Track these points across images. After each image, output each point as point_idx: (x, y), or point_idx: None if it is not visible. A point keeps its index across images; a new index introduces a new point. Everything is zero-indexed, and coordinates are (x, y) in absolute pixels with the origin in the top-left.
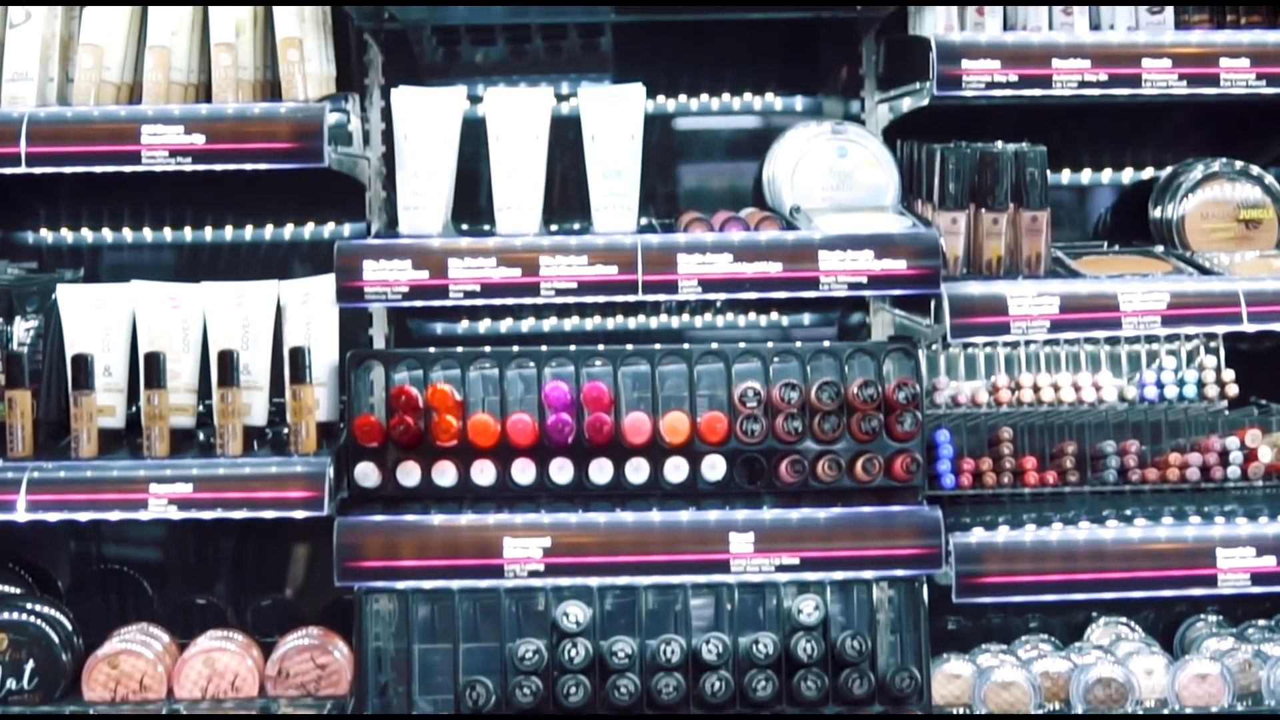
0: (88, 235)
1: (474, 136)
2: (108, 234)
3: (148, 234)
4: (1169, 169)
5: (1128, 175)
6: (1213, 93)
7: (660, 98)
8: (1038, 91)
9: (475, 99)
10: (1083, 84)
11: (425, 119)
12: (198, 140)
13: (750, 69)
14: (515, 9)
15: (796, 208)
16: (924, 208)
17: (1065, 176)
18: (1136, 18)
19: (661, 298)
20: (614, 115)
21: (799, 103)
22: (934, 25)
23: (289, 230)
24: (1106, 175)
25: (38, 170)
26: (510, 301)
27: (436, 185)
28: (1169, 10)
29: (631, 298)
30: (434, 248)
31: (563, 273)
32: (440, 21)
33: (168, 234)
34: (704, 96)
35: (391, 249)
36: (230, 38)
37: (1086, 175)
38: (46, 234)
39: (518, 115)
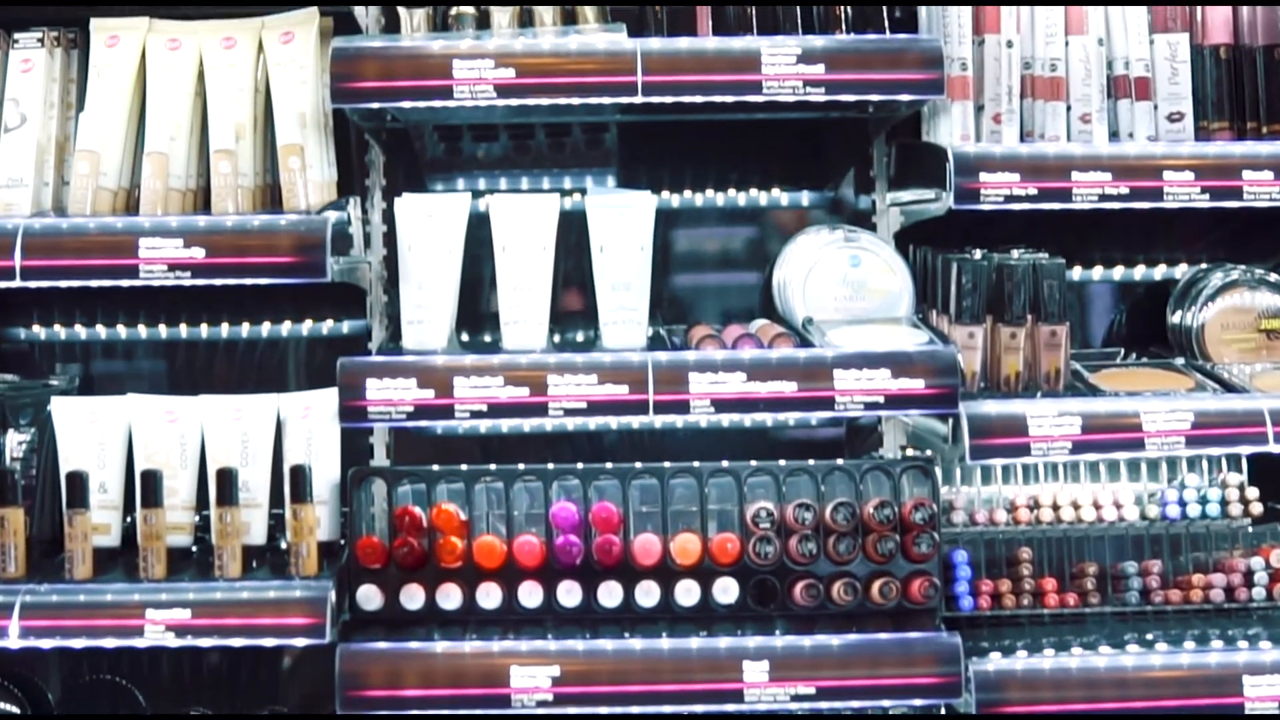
0: (81, 332)
1: (478, 233)
2: (101, 331)
3: (142, 331)
4: (1187, 274)
5: (1139, 272)
6: (1235, 205)
7: (666, 193)
8: (1057, 205)
9: (478, 193)
10: (1103, 197)
11: (429, 230)
12: (197, 254)
13: (758, 165)
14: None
15: (809, 320)
16: (939, 319)
17: (1077, 273)
18: (1156, 125)
19: (673, 418)
20: (623, 227)
21: (805, 197)
22: (949, 132)
23: (287, 327)
24: (1119, 273)
25: (33, 284)
26: (518, 421)
27: (441, 297)
28: (1189, 119)
29: (643, 418)
30: (439, 365)
31: (571, 392)
32: (443, 121)
33: (163, 331)
34: (710, 192)
35: (395, 367)
36: (230, 144)
37: (1098, 273)
38: (39, 330)
39: (524, 226)
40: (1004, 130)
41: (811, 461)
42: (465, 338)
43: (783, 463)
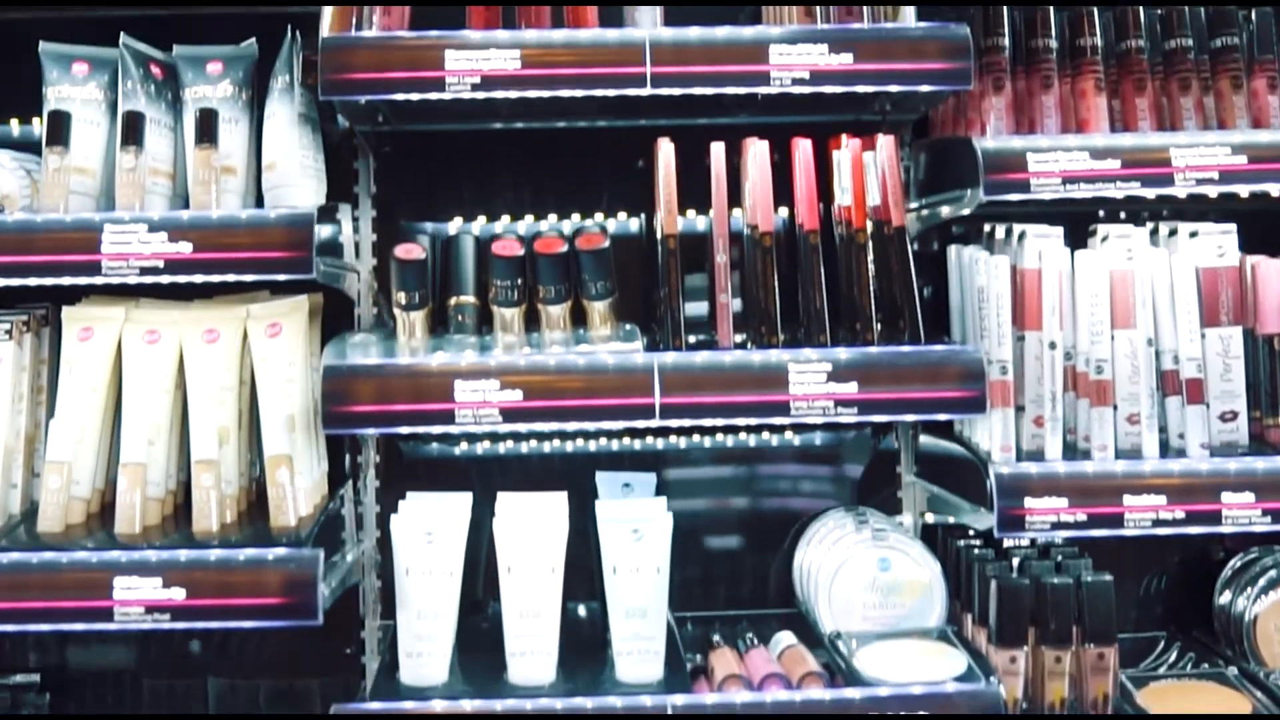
0: None
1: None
2: None
3: None
4: (1242, 556)
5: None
6: None
7: None
8: (1105, 531)
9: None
10: (1157, 522)
11: (428, 554)
12: (176, 595)
13: None
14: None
15: (837, 634)
16: (975, 631)
17: None
18: (1209, 428)
19: None
20: (640, 549)
21: None
22: (987, 436)
23: None
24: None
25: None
26: None
27: (442, 626)
28: (1243, 417)
29: None
30: (439, 714)
31: None
32: None
33: None
34: None
35: (390, 717)
36: (212, 453)
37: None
38: None
39: (531, 545)
40: (1046, 437)
41: None
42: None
43: None
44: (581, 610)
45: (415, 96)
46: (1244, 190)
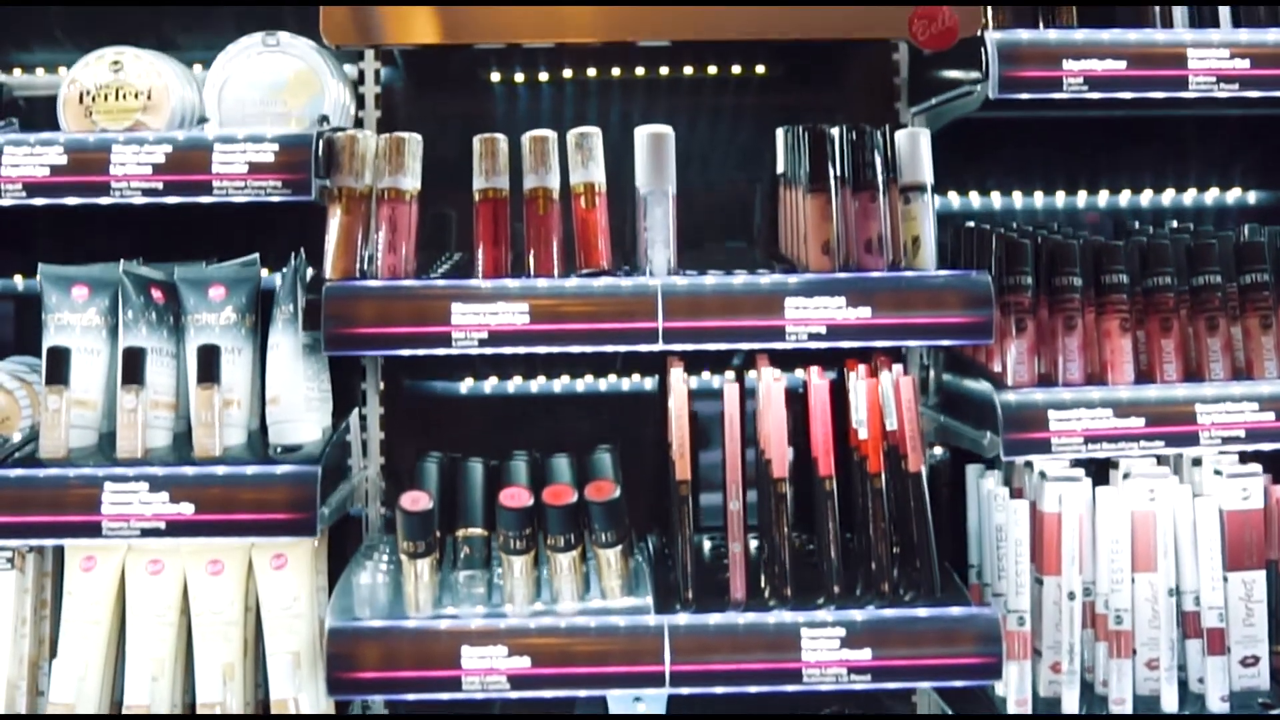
0: None
1: None
2: None
3: None
4: None
5: None
6: None
7: None
8: None
9: None
10: None
11: None
12: None
13: None
14: None
15: None
16: None
17: None
18: (1229, 676)
19: None
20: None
21: None
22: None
23: None
24: None
25: None
26: None
27: None
28: (1264, 663)
29: None
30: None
31: None
32: None
33: None
34: None
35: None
36: (217, 695)
37: None
38: None
39: None
40: (1063, 690)
41: None
42: None
43: None
44: None
45: (422, 352)
46: (1270, 446)
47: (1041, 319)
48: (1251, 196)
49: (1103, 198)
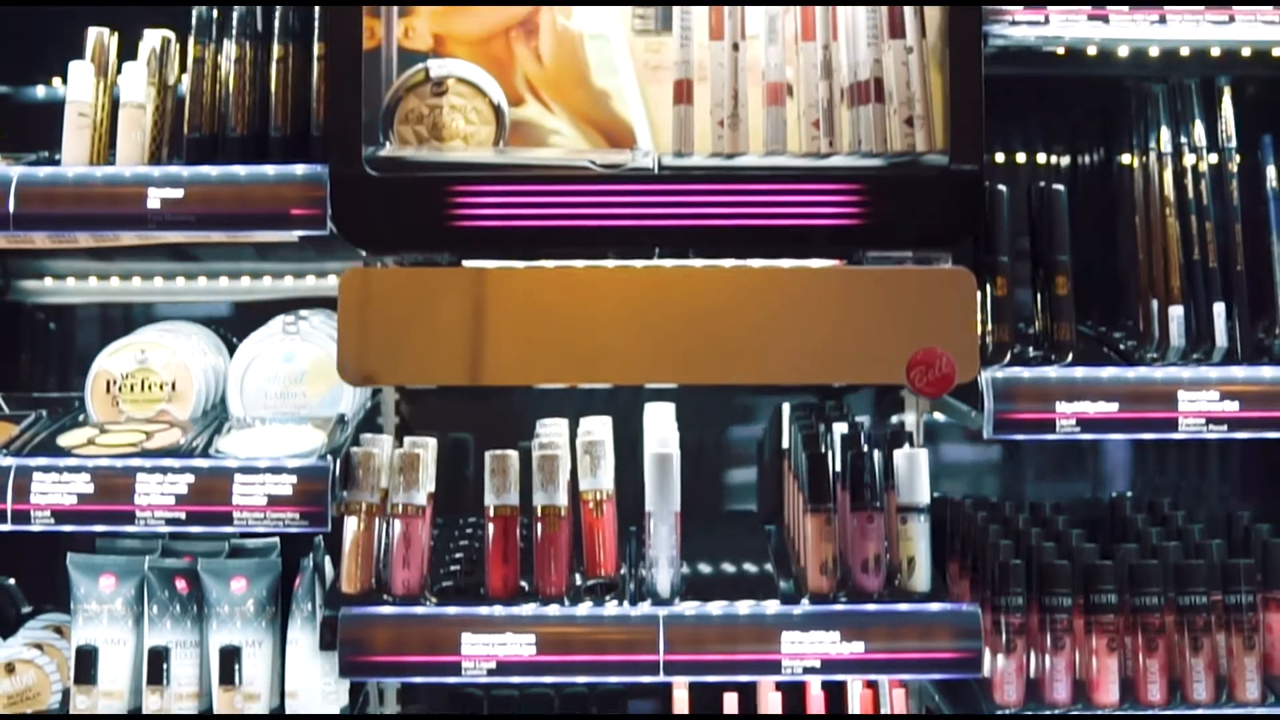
0: None
1: None
2: None
3: None
4: None
5: None
6: None
7: None
8: None
9: None
10: None
11: None
12: None
13: None
14: None
15: None
16: None
17: None
18: None
19: None
20: None
21: None
22: None
23: None
24: None
25: None
26: None
27: None
28: None
29: None
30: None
31: None
32: None
33: None
34: None
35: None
36: None
37: None
38: None
39: None
40: None
41: None
42: None
43: None
44: None
45: (434, 680)
46: None
47: (1032, 634)
48: None
49: None
